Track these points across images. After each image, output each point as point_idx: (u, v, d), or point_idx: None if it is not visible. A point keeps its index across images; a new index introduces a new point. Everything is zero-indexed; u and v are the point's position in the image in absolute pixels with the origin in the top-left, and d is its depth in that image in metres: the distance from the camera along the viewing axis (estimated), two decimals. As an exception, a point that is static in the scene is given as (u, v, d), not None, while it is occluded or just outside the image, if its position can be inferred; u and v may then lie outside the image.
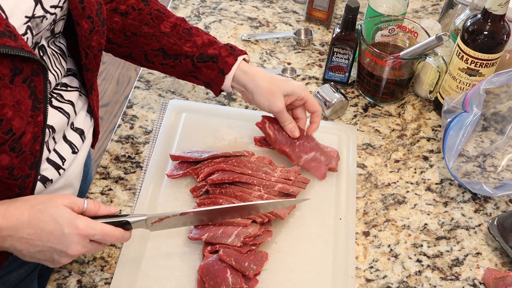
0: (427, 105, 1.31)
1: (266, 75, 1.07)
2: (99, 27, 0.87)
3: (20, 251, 0.80)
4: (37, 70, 0.75)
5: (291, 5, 1.54)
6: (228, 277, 0.91)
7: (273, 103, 1.05)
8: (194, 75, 1.08)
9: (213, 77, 1.07)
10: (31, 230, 0.78)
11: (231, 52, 1.06)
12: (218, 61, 1.06)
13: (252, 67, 1.08)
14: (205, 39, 1.07)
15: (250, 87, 1.07)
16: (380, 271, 1.01)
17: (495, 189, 1.11)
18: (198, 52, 1.06)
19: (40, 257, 0.81)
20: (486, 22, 1.11)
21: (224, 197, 1.02)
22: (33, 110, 0.77)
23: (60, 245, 0.80)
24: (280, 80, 1.07)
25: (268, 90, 1.05)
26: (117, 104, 2.67)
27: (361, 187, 1.13)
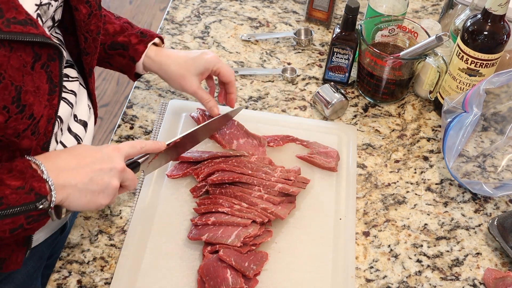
0: (427, 105, 1.31)
1: (176, 59, 1.08)
2: (96, 11, 0.89)
3: (75, 187, 0.79)
4: (53, 55, 0.77)
5: (291, 5, 1.54)
6: (228, 277, 0.91)
7: (185, 86, 1.08)
8: (107, 61, 1.10)
9: (124, 64, 1.09)
10: (76, 160, 0.81)
11: (141, 39, 1.08)
12: (128, 49, 1.07)
13: (161, 52, 1.09)
14: (116, 26, 1.08)
15: (160, 74, 1.10)
16: (380, 271, 1.01)
17: (495, 189, 1.11)
18: (110, 40, 1.07)
19: (94, 188, 0.81)
20: (486, 22, 1.11)
21: (224, 197, 1.02)
22: (50, 94, 0.79)
23: (106, 163, 0.83)
24: (190, 59, 1.08)
25: (178, 75, 1.07)
26: (117, 104, 2.67)
27: (361, 187, 1.13)
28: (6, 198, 0.73)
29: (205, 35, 1.42)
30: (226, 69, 1.10)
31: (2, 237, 0.75)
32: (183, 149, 1.06)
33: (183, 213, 1.03)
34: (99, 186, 0.82)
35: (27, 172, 0.76)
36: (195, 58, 1.08)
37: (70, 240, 1.00)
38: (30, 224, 0.77)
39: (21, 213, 0.74)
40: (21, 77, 0.73)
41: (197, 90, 1.09)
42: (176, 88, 1.11)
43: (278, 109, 1.26)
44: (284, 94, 1.29)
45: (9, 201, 0.73)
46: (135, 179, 0.90)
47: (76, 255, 0.98)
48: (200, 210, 1.01)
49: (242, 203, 1.01)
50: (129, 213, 1.04)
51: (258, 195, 1.03)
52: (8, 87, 0.71)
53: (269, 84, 1.31)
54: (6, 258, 0.89)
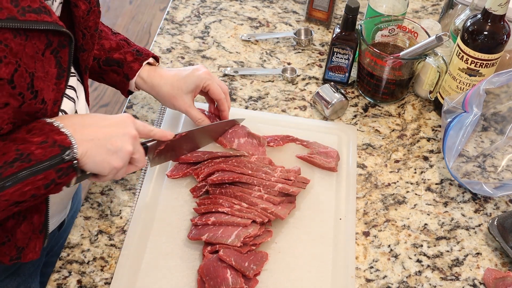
0: (427, 105, 1.31)
1: (167, 79, 1.09)
2: (95, 7, 0.90)
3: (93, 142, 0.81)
4: (64, 42, 0.79)
5: (291, 5, 1.54)
6: (228, 277, 0.91)
7: (177, 106, 1.09)
8: (101, 76, 1.11)
9: (118, 81, 1.10)
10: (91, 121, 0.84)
11: (136, 57, 1.09)
12: (123, 66, 1.08)
13: (153, 72, 1.10)
14: (113, 42, 1.09)
15: (152, 94, 1.11)
16: (380, 271, 1.01)
17: (495, 189, 1.11)
18: (105, 56, 1.08)
19: (110, 147, 0.82)
20: (486, 22, 1.11)
21: (224, 197, 1.02)
22: (58, 78, 0.81)
23: (122, 128, 0.84)
24: (181, 78, 1.08)
25: (169, 95, 1.09)
26: (117, 104, 2.67)
27: (361, 187, 1.13)
28: (33, 155, 0.75)
29: (205, 35, 1.42)
30: (215, 87, 1.09)
31: (37, 194, 0.77)
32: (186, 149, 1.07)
33: (183, 213, 1.03)
34: (114, 147, 0.83)
35: (45, 128, 0.77)
36: (186, 76, 1.08)
37: (70, 240, 1.00)
38: (61, 178, 0.79)
39: (51, 167, 0.76)
40: (33, 64, 0.74)
41: (189, 109, 1.09)
42: (169, 107, 1.12)
43: (278, 109, 1.26)
44: (284, 94, 1.29)
45: (36, 157, 0.75)
46: (144, 157, 0.90)
47: (76, 255, 0.98)
48: (200, 210, 1.01)
49: (242, 203, 1.01)
50: (129, 213, 1.04)
51: (258, 195, 1.03)
52: (23, 74, 0.73)
53: (269, 84, 1.31)
54: (24, 247, 0.90)
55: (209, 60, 1.36)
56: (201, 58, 1.36)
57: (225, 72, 1.32)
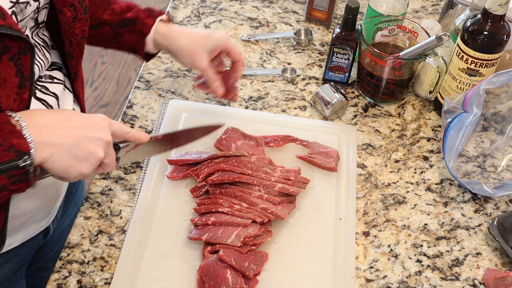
0: (427, 105, 1.31)
1: (187, 34, 1.08)
2: (82, 15, 0.88)
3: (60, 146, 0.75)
4: (25, 48, 0.76)
5: (291, 5, 1.53)
6: (228, 277, 0.91)
7: (196, 62, 1.08)
8: (116, 41, 1.10)
9: (134, 40, 1.09)
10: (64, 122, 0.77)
11: (149, 14, 1.08)
12: (137, 24, 1.07)
13: (171, 28, 1.09)
14: (123, 5, 1.08)
15: (171, 49, 1.09)
16: (380, 271, 1.01)
17: (495, 189, 1.11)
18: (117, 18, 1.07)
19: (78, 153, 0.77)
20: (486, 22, 1.11)
21: (224, 197, 1.02)
22: (20, 88, 0.77)
23: (94, 132, 0.79)
24: (202, 37, 1.08)
25: (189, 50, 1.07)
26: (117, 104, 2.67)
27: (361, 187, 1.13)
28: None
29: (205, 35, 1.42)
30: (236, 48, 1.11)
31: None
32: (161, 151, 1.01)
33: (183, 213, 1.03)
34: (84, 153, 0.77)
35: (4, 128, 0.72)
36: (207, 35, 1.08)
37: (70, 240, 1.00)
38: (15, 184, 0.73)
39: (2, 172, 0.70)
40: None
41: (207, 68, 1.08)
42: (186, 63, 1.10)
43: (278, 109, 1.26)
44: (284, 94, 1.29)
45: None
46: (115, 161, 0.85)
47: (76, 255, 0.98)
48: (200, 210, 1.01)
49: (242, 203, 1.01)
50: (129, 213, 1.04)
51: (258, 195, 1.03)
52: None
53: (269, 84, 1.31)
54: None
55: (209, 60, 1.36)
56: (201, 58, 1.36)
57: (225, 72, 1.32)
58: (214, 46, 1.08)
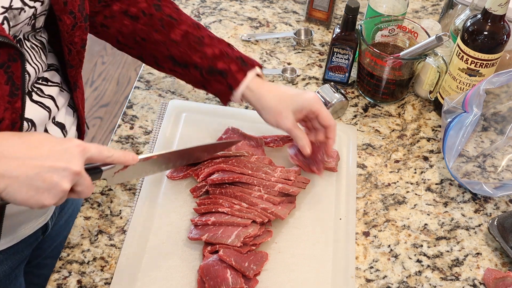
0: (427, 105, 1.31)
1: (275, 93, 1.03)
2: (81, 23, 0.86)
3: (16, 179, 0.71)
4: (14, 55, 0.74)
5: (291, 5, 1.54)
6: (228, 277, 0.91)
7: (280, 123, 1.03)
8: (203, 84, 1.07)
9: (221, 91, 1.05)
10: (26, 151, 0.72)
11: (241, 67, 1.03)
12: (227, 76, 1.03)
13: (262, 84, 1.04)
14: (216, 50, 1.03)
15: (257, 106, 1.04)
16: (380, 271, 1.01)
17: (495, 189, 1.11)
18: (208, 65, 1.03)
19: (39, 184, 0.72)
20: (486, 22, 1.11)
21: (224, 197, 1.02)
22: (11, 96, 0.76)
23: (61, 161, 0.73)
24: (290, 96, 1.03)
25: (275, 110, 1.02)
26: (117, 104, 2.67)
27: (361, 187, 1.13)
28: None
29: (205, 35, 1.42)
30: (326, 112, 1.03)
31: None
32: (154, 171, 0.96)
33: (183, 213, 1.03)
34: (45, 184, 0.72)
35: None
36: (295, 95, 1.03)
37: (70, 240, 1.00)
38: None
39: None
40: None
41: (292, 127, 1.03)
42: (270, 123, 1.04)
43: (278, 109, 1.26)
44: (284, 94, 1.29)
45: None
46: (90, 187, 0.79)
47: (76, 255, 0.98)
48: (200, 210, 1.01)
49: (242, 203, 1.01)
50: (129, 213, 1.04)
51: (258, 195, 1.03)
52: None
53: (269, 84, 1.31)
54: None
55: (209, 60, 1.36)
56: (201, 58, 1.36)
57: (225, 72, 1.32)
58: (301, 106, 1.02)
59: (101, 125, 2.58)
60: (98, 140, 2.52)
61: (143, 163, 0.88)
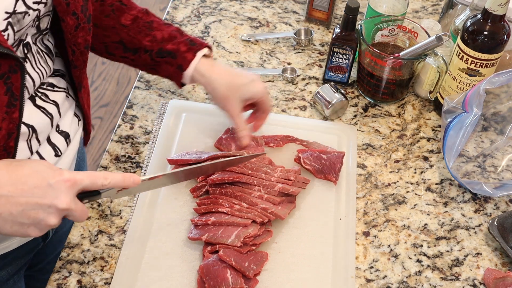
0: (427, 105, 1.31)
1: (226, 79, 1.05)
2: (84, 24, 0.87)
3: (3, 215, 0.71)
4: (15, 67, 0.74)
5: (291, 5, 1.54)
6: (228, 277, 0.91)
7: (227, 108, 1.06)
8: (153, 68, 1.08)
9: (171, 72, 1.07)
10: (12, 187, 0.70)
11: (190, 47, 1.05)
12: (176, 57, 1.04)
13: (212, 67, 1.06)
14: (165, 33, 1.05)
15: (207, 89, 1.07)
16: (380, 271, 1.01)
17: (495, 189, 1.11)
18: (157, 47, 1.05)
19: (24, 221, 0.72)
20: (486, 22, 1.11)
21: (224, 197, 1.02)
22: (9, 107, 0.75)
23: (47, 198, 0.72)
24: (240, 86, 1.05)
25: (224, 96, 1.05)
26: (117, 104, 2.67)
27: (361, 187, 1.13)
28: None
29: (205, 35, 1.42)
30: (268, 102, 1.08)
31: None
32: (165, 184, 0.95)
33: (183, 213, 1.03)
34: (30, 220, 0.72)
35: None
36: (245, 85, 1.05)
37: (70, 240, 1.00)
38: None
39: None
40: None
41: (237, 116, 1.06)
42: (218, 105, 1.08)
43: (278, 109, 1.26)
44: (284, 94, 1.29)
45: None
46: (84, 213, 0.78)
47: (76, 255, 0.98)
48: (200, 210, 1.01)
49: (242, 203, 1.01)
50: (129, 213, 1.04)
51: (258, 195, 1.03)
52: None
53: (269, 84, 1.31)
54: None
55: (209, 60, 1.36)
56: (201, 58, 1.36)
57: (225, 72, 1.32)
58: (250, 97, 1.06)
59: (101, 125, 2.58)
60: (98, 140, 2.52)
61: (147, 181, 0.88)
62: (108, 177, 0.79)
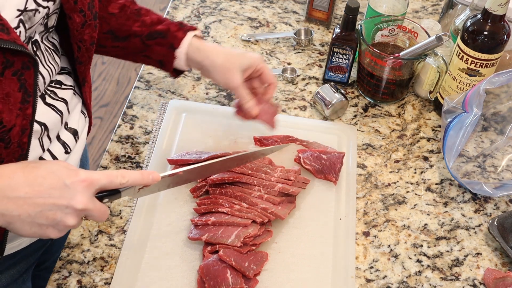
0: (427, 105, 1.31)
1: (221, 51, 1.06)
2: (91, 21, 0.87)
3: (18, 217, 0.71)
4: (28, 63, 0.75)
5: (291, 5, 1.54)
6: (228, 277, 0.91)
7: (229, 80, 1.05)
8: (145, 54, 1.07)
9: (164, 53, 1.06)
10: (29, 188, 0.71)
11: (180, 27, 1.05)
12: (167, 36, 1.05)
13: (206, 43, 1.07)
14: (154, 18, 1.06)
15: (205, 64, 1.06)
16: (380, 271, 1.01)
17: (495, 189, 1.11)
18: (147, 31, 1.05)
19: (42, 222, 0.72)
20: (486, 22, 1.11)
21: (224, 197, 1.02)
22: (23, 103, 0.76)
23: (64, 198, 0.72)
24: (236, 55, 1.05)
25: (223, 67, 1.04)
26: (117, 104, 2.67)
27: (361, 187, 1.13)
28: None
29: (205, 35, 1.42)
30: (269, 70, 1.08)
31: None
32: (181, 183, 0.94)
33: (183, 213, 1.03)
34: (49, 221, 0.72)
35: None
36: (241, 54, 1.06)
37: (70, 240, 1.00)
38: None
39: None
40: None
41: (240, 86, 1.05)
42: (219, 81, 1.06)
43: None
44: (284, 94, 1.29)
45: None
46: (103, 213, 0.77)
47: (76, 255, 0.98)
48: (200, 210, 1.01)
49: (242, 203, 1.01)
50: (129, 213, 1.04)
51: (258, 195, 1.03)
52: None
53: (269, 84, 1.31)
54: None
55: (209, 60, 1.36)
56: (201, 58, 1.36)
57: (225, 72, 1.32)
58: (248, 64, 1.05)
59: (101, 125, 2.58)
60: (98, 140, 2.52)
61: (167, 178, 0.87)
62: (125, 176, 0.78)
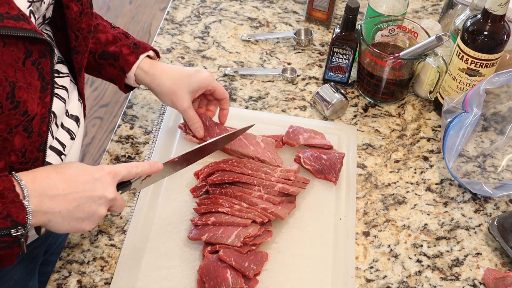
0: (427, 105, 1.31)
1: (170, 73, 1.07)
2: (88, 9, 0.89)
3: (59, 214, 0.78)
4: (44, 52, 0.77)
5: (291, 5, 1.54)
6: (228, 277, 0.91)
7: (176, 103, 1.07)
8: (97, 70, 1.09)
9: (115, 75, 1.08)
10: (65, 185, 0.78)
11: (133, 50, 1.06)
12: (118, 59, 1.06)
13: (156, 65, 1.08)
14: (109, 36, 1.07)
15: (152, 88, 1.09)
16: (380, 271, 1.01)
17: (495, 189, 1.11)
18: (100, 49, 1.06)
19: (80, 215, 0.79)
20: (486, 22, 1.11)
21: (224, 197, 1.02)
22: (42, 92, 0.78)
23: (97, 190, 0.80)
24: (185, 77, 1.06)
25: (170, 91, 1.06)
26: (117, 104, 2.67)
27: (361, 187, 1.13)
28: None
29: (205, 35, 1.42)
30: (220, 87, 1.10)
31: None
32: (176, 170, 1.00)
33: (183, 213, 1.03)
34: (85, 214, 0.80)
35: (8, 196, 0.73)
36: (190, 75, 1.07)
37: (70, 240, 1.00)
38: (3, 249, 0.75)
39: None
40: (13, 73, 0.72)
41: (187, 109, 1.07)
42: (167, 103, 1.10)
43: (278, 109, 1.26)
44: (284, 94, 1.29)
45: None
46: (123, 204, 0.87)
47: (76, 255, 0.98)
48: (200, 210, 1.01)
49: (242, 203, 1.01)
50: (129, 213, 1.04)
51: (258, 195, 1.03)
52: (2, 83, 0.71)
53: (269, 84, 1.31)
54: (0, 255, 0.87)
55: (209, 60, 1.36)
56: (201, 58, 1.36)
57: (225, 72, 1.32)
58: (197, 86, 1.07)
59: (101, 125, 2.58)
60: (98, 140, 2.52)
61: (165, 166, 0.94)
62: (139, 166, 0.88)
